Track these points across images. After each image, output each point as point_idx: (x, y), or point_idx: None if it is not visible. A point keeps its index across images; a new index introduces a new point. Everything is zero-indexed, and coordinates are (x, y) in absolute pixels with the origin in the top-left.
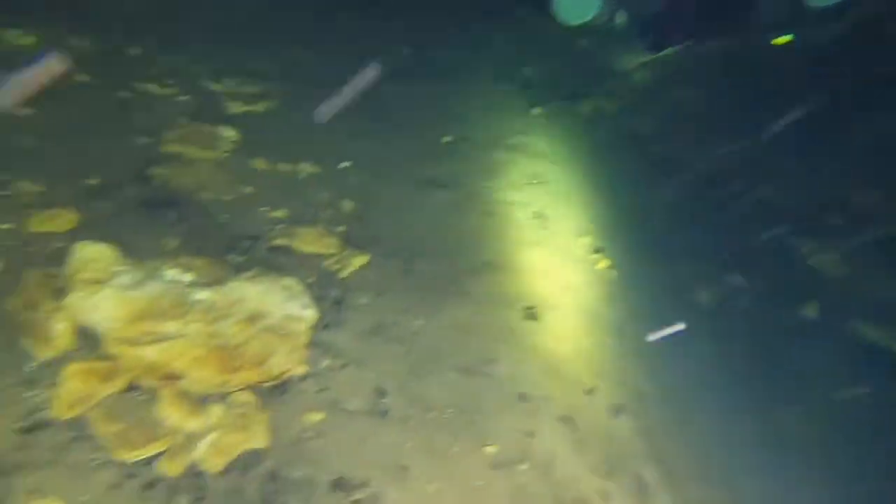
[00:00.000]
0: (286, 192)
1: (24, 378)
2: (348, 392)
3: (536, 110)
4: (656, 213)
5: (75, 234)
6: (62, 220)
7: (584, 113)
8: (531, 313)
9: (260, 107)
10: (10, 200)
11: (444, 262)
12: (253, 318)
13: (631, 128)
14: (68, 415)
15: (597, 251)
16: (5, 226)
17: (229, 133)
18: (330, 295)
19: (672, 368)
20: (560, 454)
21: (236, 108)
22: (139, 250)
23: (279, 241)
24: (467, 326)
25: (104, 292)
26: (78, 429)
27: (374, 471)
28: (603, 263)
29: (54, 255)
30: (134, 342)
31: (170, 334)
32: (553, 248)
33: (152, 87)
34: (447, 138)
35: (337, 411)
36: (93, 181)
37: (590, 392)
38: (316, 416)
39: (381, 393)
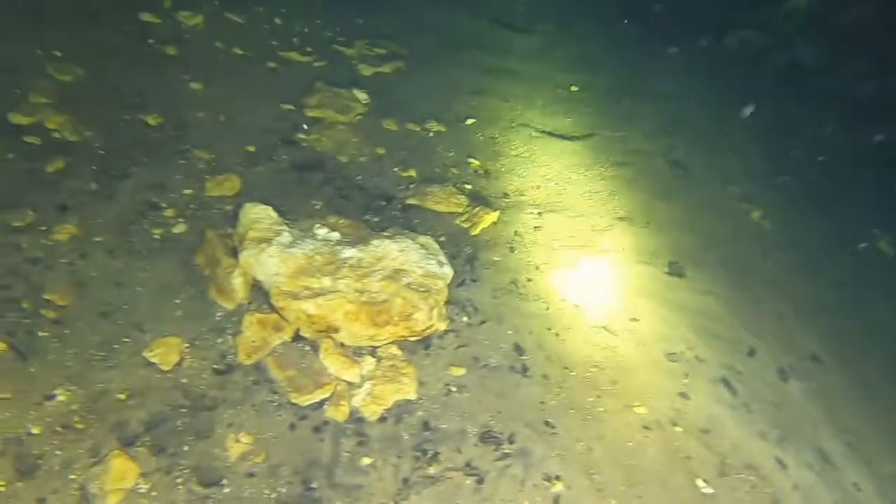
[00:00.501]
0: (415, 151)
1: (214, 326)
2: (488, 348)
3: (672, 49)
4: (815, 160)
5: (241, 197)
6: (230, 184)
7: (729, 47)
8: (676, 269)
9: (388, 68)
10: (189, 167)
11: (575, 218)
12: (396, 275)
13: (789, 61)
14: (250, 360)
15: (747, 200)
16: (188, 191)
17: (361, 96)
18: (463, 252)
19: (844, 327)
20: (720, 418)
21: (367, 70)
22: (293, 210)
23: (412, 201)
24: (605, 283)
25: (269, 251)
26: (258, 373)
27: (519, 426)
28: (755, 213)
29: (227, 216)
30: (296, 296)
31: (325, 289)
32: (697, 198)
33: (294, 56)
34: (574, 87)
35: (478, 367)
36: (251, 147)
37: (751, 353)
38: (458, 371)
39: (519, 350)
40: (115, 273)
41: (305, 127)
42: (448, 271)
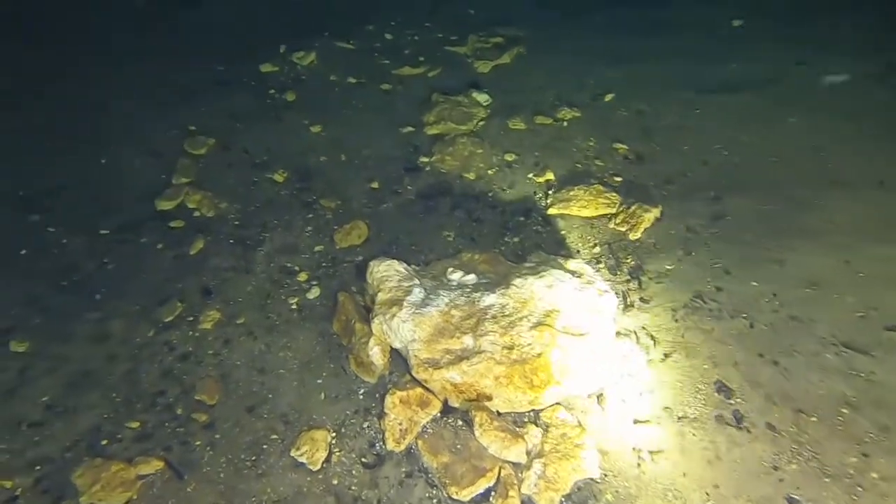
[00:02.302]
0: (550, 148)
1: (358, 406)
2: (681, 392)
3: None
4: None
5: (370, 244)
6: (357, 231)
7: None
8: None
9: (507, 58)
10: (317, 221)
11: (765, 193)
12: (547, 319)
13: None
14: (400, 447)
15: None
16: (318, 247)
17: (482, 97)
18: (625, 265)
19: None
20: None
21: (484, 66)
22: (424, 247)
23: (554, 210)
24: (835, 280)
25: (401, 315)
26: (410, 462)
27: None
28: None
29: (358, 269)
30: (437, 364)
31: (468, 350)
32: None
33: (406, 70)
34: (737, 21)
35: (673, 421)
36: (374, 184)
37: None
38: (648, 430)
39: (725, 390)
40: (258, 358)
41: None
42: (610, 301)
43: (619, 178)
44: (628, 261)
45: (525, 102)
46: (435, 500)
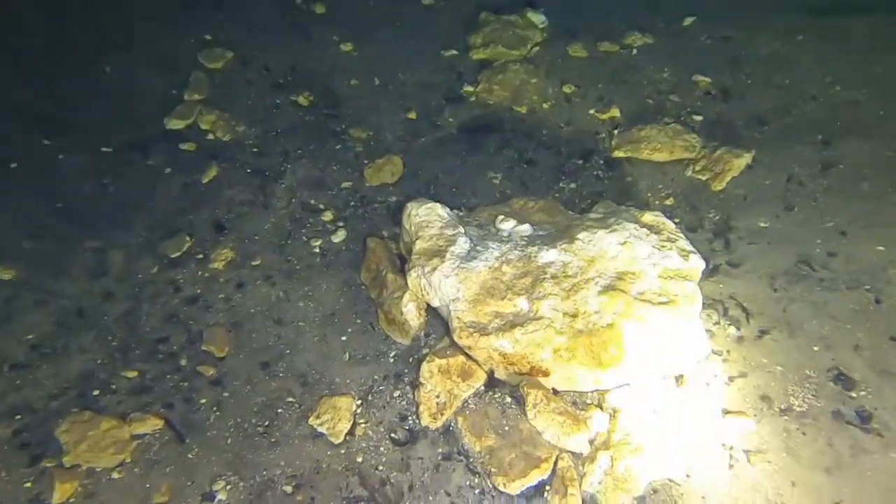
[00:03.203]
0: (617, 80)
1: (388, 371)
2: (784, 380)
3: None
4: None
5: (405, 182)
6: (391, 167)
7: None
8: None
9: None
10: (346, 153)
11: (891, 136)
12: (620, 283)
13: None
14: (436, 423)
15: None
16: (346, 183)
17: (537, 18)
18: (707, 220)
19: None
20: None
21: None
22: (467, 189)
23: (620, 153)
24: None
25: (443, 268)
26: (449, 441)
27: None
28: None
29: (391, 211)
30: (484, 329)
31: (522, 315)
32: None
33: None
34: None
35: (773, 414)
36: (412, 114)
37: None
38: (741, 422)
39: (844, 380)
40: (274, 306)
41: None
42: (697, 263)
43: (699, 117)
44: (711, 215)
45: (588, 26)
46: (477, 491)
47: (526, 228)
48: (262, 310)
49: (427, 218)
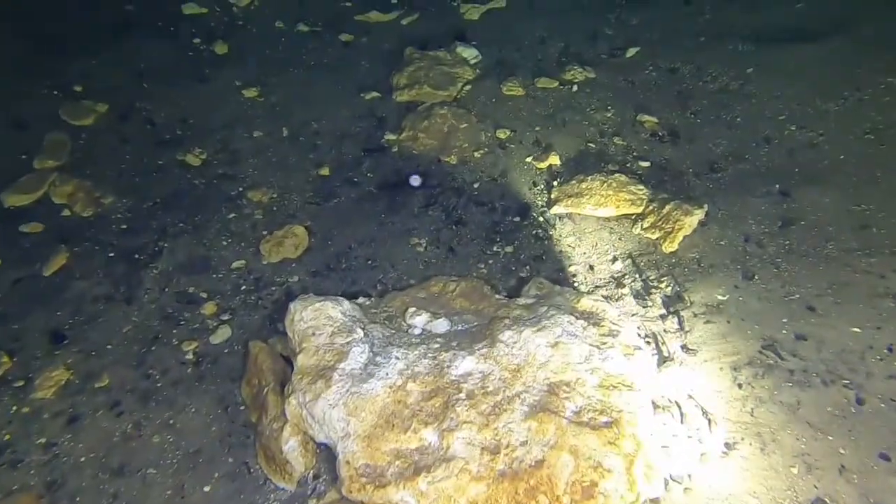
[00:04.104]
0: (556, 122)
1: None
2: None
3: None
4: None
5: (311, 256)
6: (294, 239)
7: None
8: None
9: (500, 1)
10: (241, 222)
11: (856, 186)
12: (552, 399)
13: None
14: None
15: None
16: (237, 263)
17: (469, 53)
18: (657, 290)
19: None
20: None
21: (474, 12)
22: (385, 264)
23: (561, 208)
24: None
25: (328, 395)
26: None
27: None
28: None
29: (287, 299)
30: (381, 477)
31: (430, 453)
32: None
33: (375, 16)
34: None
35: None
36: (324, 170)
37: None
38: None
39: None
40: (115, 448)
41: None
42: (645, 363)
43: (646, 164)
44: (663, 285)
45: (524, 59)
46: None
47: (441, 325)
48: (98, 456)
49: (314, 323)
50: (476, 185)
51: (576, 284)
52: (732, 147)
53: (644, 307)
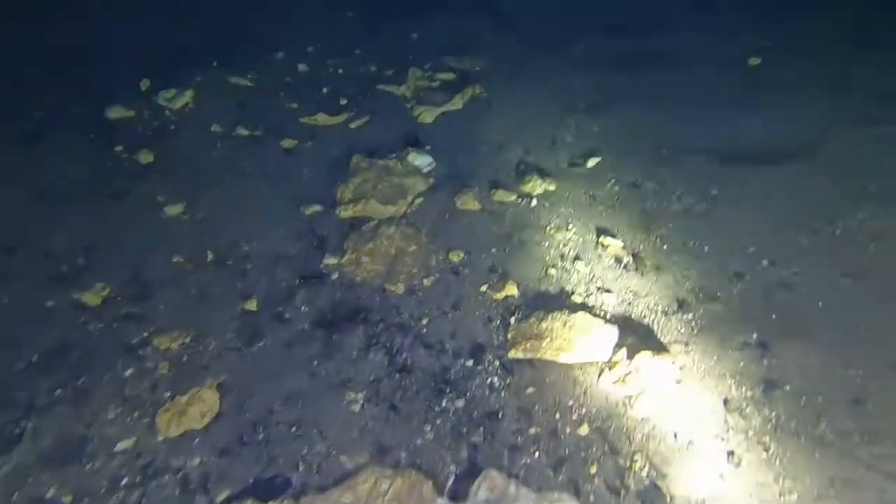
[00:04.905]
0: (514, 243)
1: None
2: None
3: None
4: None
5: (219, 428)
6: (201, 405)
7: None
8: None
9: (459, 102)
10: (139, 381)
11: (843, 342)
12: None
13: None
14: None
15: None
16: (125, 444)
17: (422, 161)
18: (633, 475)
19: None
20: None
21: (428, 115)
22: (313, 433)
23: (519, 352)
24: None
25: None
26: None
27: None
28: None
29: (187, 492)
30: None
31: None
32: None
33: (322, 119)
34: (755, 61)
35: None
36: (250, 304)
37: None
38: None
39: None
40: None
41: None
42: None
43: (611, 297)
44: (636, 465)
45: (480, 168)
46: None
47: None
48: None
49: None
50: (424, 321)
51: (537, 457)
52: (702, 282)
53: (616, 494)
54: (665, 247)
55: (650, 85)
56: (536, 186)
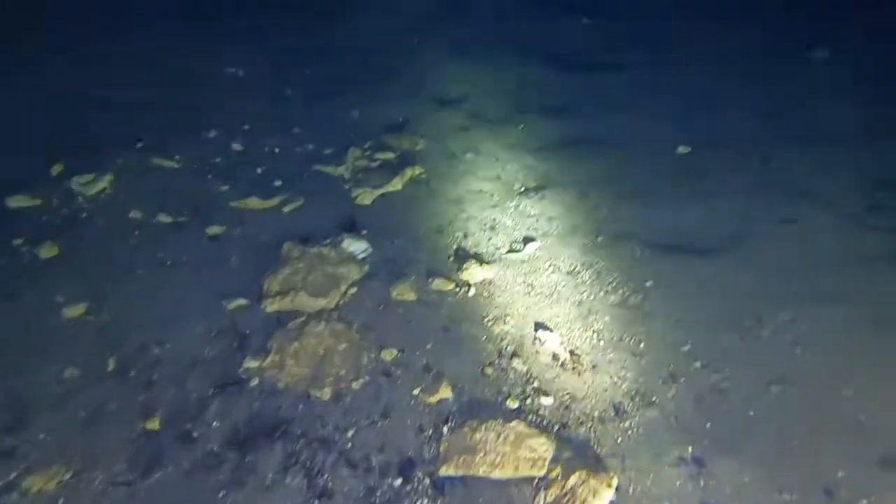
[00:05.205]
0: (448, 338)
1: None
2: None
3: None
4: None
5: None
6: None
7: None
8: None
9: (398, 182)
10: None
11: (779, 461)
12: None
13: None
14: None
15: None
16: None
17: (357, 247)
18: None
19: None
20: None
21: (366, 196)
22: None
23: (451, 468)
24: None
25: None
26: None
27: None
28: None
29: None
30: None
31: None
32: None
33: (253, 203)
34: (683, 149)
35: None
36: (153, 423)
37: None
38: None
39: None
40: None
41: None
42: None
43: (548, 400)
44: None
45: (418, 254)
46: None
47: None
48: None
49: None
50: (350, 433)
51: None
52: (638, 384)
53: None
54: (601, 342)
55: (584, 169)
56: (475, 274)
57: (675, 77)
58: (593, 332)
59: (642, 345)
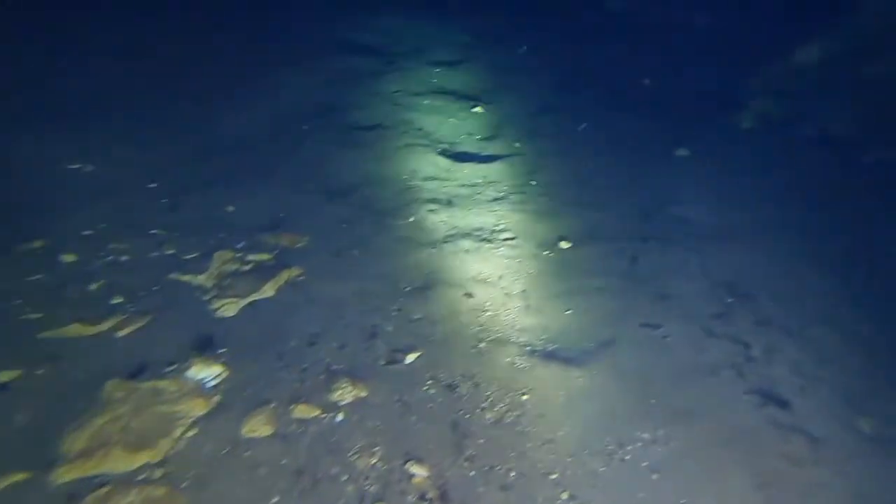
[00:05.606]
0: (310, 479)
1: None
2: None
3: None
4: None
5: None
6: None
7: None
8: None
9: (270, 288)
10: None
11: None
12: None
13: None
14: None
15: None
16: None
17: (207, 372)
18: None
19: None
20: None
21: (230, 307)
22: None
23: None
24: None
25: None
26: None
27: None
28: None
29: None
30: None
31: None
32: None
33: (74, 329)
34: (565, 244)
35: None
36: None
37: None
38: None
39: None
40: None
41: None
42: None
43: None
44: None
45: (284, 372)
46: None
47: None
48: None
49: None
50: None
51: None
52: None
53: None
54: (472, 473)
55: (472, 267)
56: (346, 394)
57: (570, 165)
58: (466, 459)
59: (513, 474)
